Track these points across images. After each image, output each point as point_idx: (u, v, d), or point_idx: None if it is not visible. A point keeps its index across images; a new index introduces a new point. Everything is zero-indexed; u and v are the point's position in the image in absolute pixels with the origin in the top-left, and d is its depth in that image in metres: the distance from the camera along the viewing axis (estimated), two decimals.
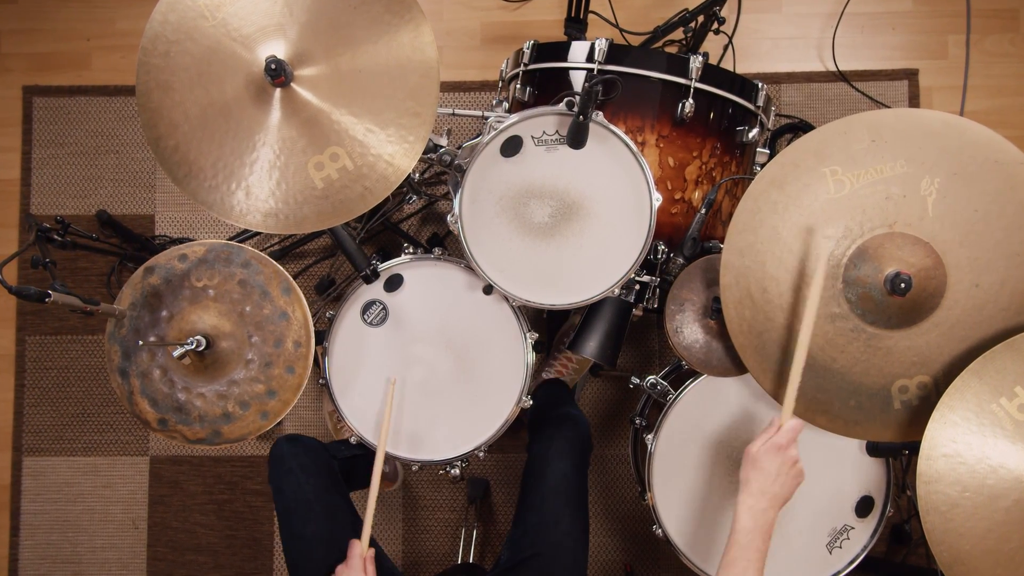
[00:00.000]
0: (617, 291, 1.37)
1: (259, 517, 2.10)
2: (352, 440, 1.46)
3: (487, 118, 1.34)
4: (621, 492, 2.08)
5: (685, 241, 1.40)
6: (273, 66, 1.15)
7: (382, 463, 1.29)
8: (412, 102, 1.20)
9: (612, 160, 1.31)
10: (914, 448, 1.14)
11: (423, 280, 1.46)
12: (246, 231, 2.03)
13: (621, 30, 1.93)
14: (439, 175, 2.09)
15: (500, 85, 1.69)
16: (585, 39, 1.55)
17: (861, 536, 1.43)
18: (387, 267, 1.45)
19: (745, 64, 2.16)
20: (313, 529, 1.35)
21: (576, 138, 1.28)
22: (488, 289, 1.44)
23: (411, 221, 2.13)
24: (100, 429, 2.14)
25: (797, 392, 1.14)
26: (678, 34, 1.87)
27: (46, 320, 2.15)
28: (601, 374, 2.08)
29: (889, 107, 2.13)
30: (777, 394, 1.22)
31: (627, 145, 1.30)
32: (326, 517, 1.37)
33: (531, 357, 1.44)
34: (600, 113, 1.29)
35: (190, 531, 2.11)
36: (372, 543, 1.48)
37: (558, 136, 1.31)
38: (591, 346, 1.47)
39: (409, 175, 1.24)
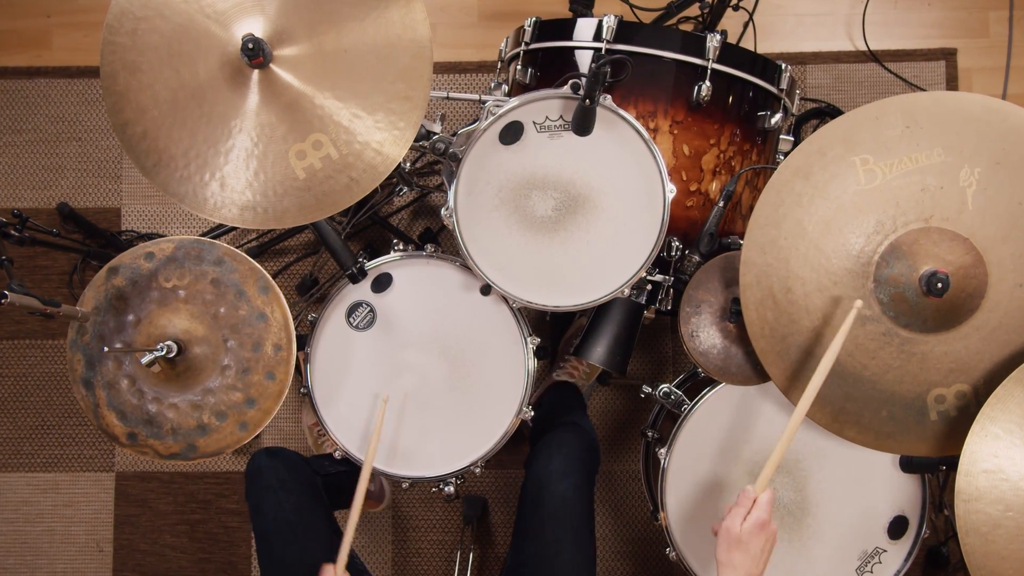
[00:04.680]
0: (627, 292, 1.37)
1: (235, 539, 2.11)
2: (336, 455, 1.46)
3: (485, 102, 1.34)
4: (631, 511, 2.08)
5: (701, 237, 1.40)
6: (250, 45, 1.15)
7: (365, 486, 1.28)
8: (402, 85, 1.20)
9: (621, 148, 1.31)
10: (952, 463, 1.14)
11: (414, 279, 1.46)
12: (221, 226, 2.03)
13: (631, 6, 1.93)
14: (432, 164, 2.10)
15: (499, 66, 1.69)
16: (592, 15, 1.55)
17: (894, 559, 1.43)
18: (375, 265, 1.45)
19: (767, 43, 2.16)
20: (294, 552, 1.35)
21: (582, 124, 1.28)
22: (486, 289, 1.44)
23: (401, 215, 2.13)
24: (61, 442, 2.14)
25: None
26: (694, 10, 1.87)
27: (2, 323, 2.15)
28: (610, 382, 2.08)
29: (925, 90, 2.13)
30: None
31: (638, 132, 1.30)
32: (308, 539, 1.37)
33: (532, 364, 1.44)
34: (608, 97, 1.29)
35: (160, 554, 2.11)
36: (357, 566, 1.48)
37: (562, 122, 1.31)
38: (598, 352, 1.47)
39: (399, 165, 1.24)
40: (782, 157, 1.53)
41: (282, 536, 1.37)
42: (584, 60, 1.43)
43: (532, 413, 1.43)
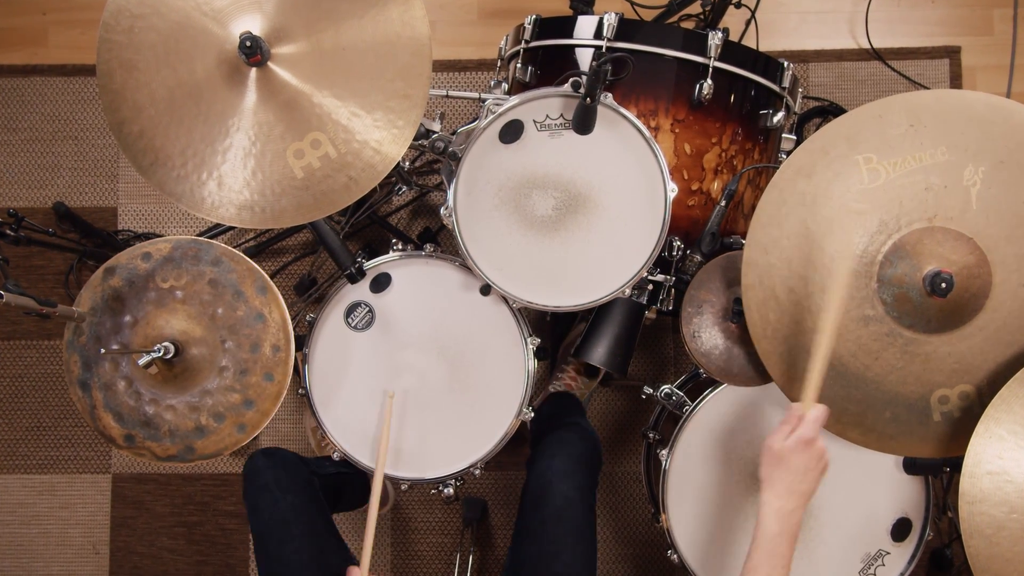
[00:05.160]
0: (628, 292, 1.37)
1: (232, 541, 2.10)
2: (335, 456, 1.46)
3: (484, 100, 1.34)
4: (632, 513, 2.08)
5: (703, 236, 1.39)
6: (248, 43, 1.14)
7: (380, 487, 1.30)
8: (401, 83, 1.20)
9: (622, 147, 1.31)
10: (956, 465, 1.14)
11: (413, 279, 1.46)
12: (218, 225, 2.03)
13: (633, 4, 1.93)
14: (431, 163, 2.09)
15: (499, 64, 1.69)
16: (593, 13, 1.55)
17: (897, 562, 1.43)
18: (374, 265, 1.45)
19: (769, 41, 2.15)
20: (292, 551, 1.35)
21: (583, 123, 1.28)
22: (485, 289, 1.44)
23: (400, 214, 2.13)
24: (57, 444, 2.13)
25: (822, 379, 1.10)
26: (695, 8, 1.87)
27: None
28: (610, 383, 2.08)
29: (928, 88, 2.13)
30: None
31: (639, 130, 1.30)
32: (306, 539, 1.37)
33: (532, 364, 1.44)
34: (609, 95, 1.29)
35: (157, 557, 2.11)
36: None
37: (563, 120, 1.31)
38: (599, 352, 1.47)
39: (398, 163, 1.24)
40: (784, 156, 1.53)
41: (278, 535, 1.37)
42: (585, 58, 1.43)
43: (532, 414, 1.43)
